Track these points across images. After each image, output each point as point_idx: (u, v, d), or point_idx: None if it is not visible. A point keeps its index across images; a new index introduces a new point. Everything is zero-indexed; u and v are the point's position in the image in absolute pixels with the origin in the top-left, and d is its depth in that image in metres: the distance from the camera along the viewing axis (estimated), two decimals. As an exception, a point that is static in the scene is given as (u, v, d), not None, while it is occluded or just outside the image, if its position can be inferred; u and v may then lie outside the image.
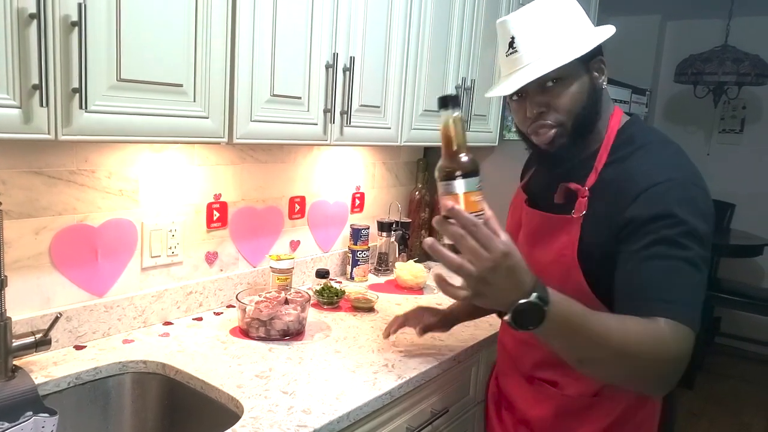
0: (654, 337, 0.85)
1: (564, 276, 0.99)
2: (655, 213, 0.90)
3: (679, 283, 0.89)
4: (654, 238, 0.90)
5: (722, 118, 4.22)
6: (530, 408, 1.14)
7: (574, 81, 0.99)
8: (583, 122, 1.01)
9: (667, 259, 0.89)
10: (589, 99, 1.01)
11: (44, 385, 1.11)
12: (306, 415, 1.05)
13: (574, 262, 0.99)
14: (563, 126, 1.00)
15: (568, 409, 1.08)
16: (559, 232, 1.03)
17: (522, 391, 1.17)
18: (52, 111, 0.91)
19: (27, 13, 0.86)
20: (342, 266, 1.99)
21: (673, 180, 0.93)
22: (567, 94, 0.99)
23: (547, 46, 0.98)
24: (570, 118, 1.00)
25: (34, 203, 1.19)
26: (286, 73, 1.28)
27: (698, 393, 3.46)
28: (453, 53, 1.80)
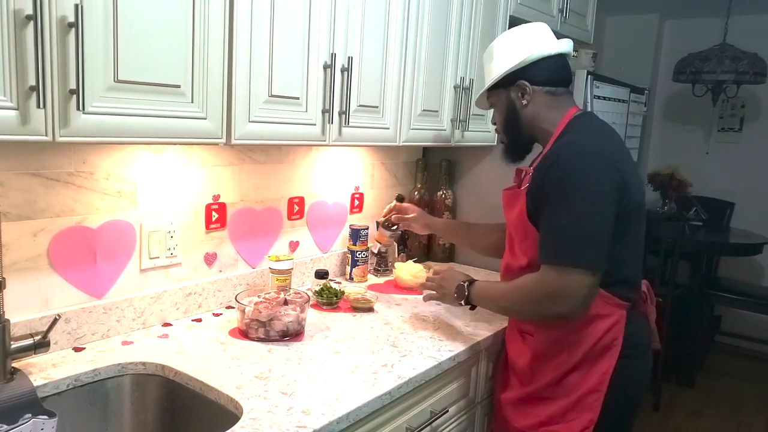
0: (524, 285, 1.28)
1: (524, 233, 1.32)
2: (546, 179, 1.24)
3: (558, 232, 1.22)
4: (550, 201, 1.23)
5: (721, 117, 4.22)
6: (517, 356, 1.42)
7: (498, 106, 1.43)
8: (509, 129, 1.42)
9: (549, 216, 1.23)
10: (508, 114, 1.40)
11: (43, 387, 1.11)
12: (305, 415, 1.05)
13: (528, 223, 1.30)
14: (500, 134, 1.47)
15: (540, 353, 1.35)
16: (516, 202, 1.36)
17: (515, 345, 1.44)
18: (49, 112, 0.91)
19: (23, 15, 0.85)
20: (341, 267, 1.99)
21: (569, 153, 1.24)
22: (497, 114, 1.45)
23: (485, 80, 1.44)
24: (500, 128, 1.45)
25: (32, 205, 1.19)
26: (284, 73, 1.28)
27: (698, 392, 3.46)
28: (451, 53, 1.80)
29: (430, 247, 2.32)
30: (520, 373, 1.40)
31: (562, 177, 1.22)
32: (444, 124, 1.84)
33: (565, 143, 1.28)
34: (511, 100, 1.38)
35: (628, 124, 2.69)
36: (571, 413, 1.30)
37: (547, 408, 1.33)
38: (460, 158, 2.28)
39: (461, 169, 2.29)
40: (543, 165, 1.27)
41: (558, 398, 1.32)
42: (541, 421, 1.33)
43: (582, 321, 1.27)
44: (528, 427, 1.35)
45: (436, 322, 1.60)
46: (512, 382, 1.43)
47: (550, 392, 1.33)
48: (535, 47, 1.35)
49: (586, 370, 1.30)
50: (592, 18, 2.64)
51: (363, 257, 1.93)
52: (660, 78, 4.35)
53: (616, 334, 1.29)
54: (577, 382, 1.30)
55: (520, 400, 1.38)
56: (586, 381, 1.29)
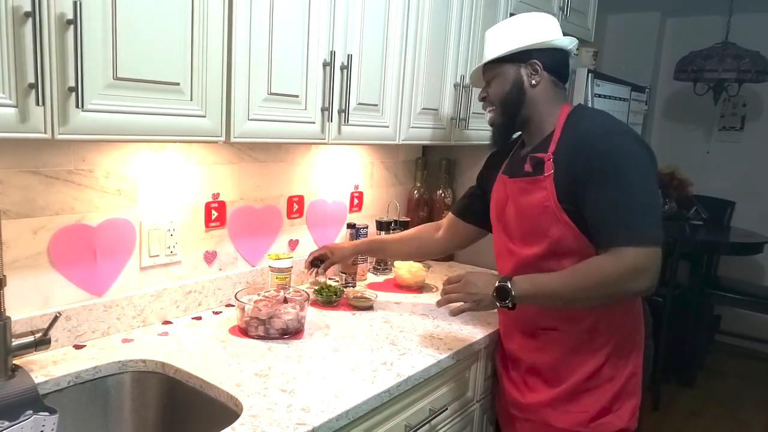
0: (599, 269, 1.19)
1: (551, 219, 1.28)
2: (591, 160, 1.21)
3: (624, 209, 1.18)
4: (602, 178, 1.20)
5: (722, 116, 4.21)
6: (537, 357, 1.37)
7: (502, 78, 1.37)
8: (509, 106, 1.37)
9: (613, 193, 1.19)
10: (513, 88, 1.36)
11: (44, 384, 1.11)
12: (305, 413, 1.05)
13: (557, 205, 1.27)
14: (495, 108, 1.40)
15: (571, 347, 1.32)
16: (537, 188, 1.31)
17: (528, 347, 1.39)
18: (48, 110, 0.91)
19: (22, 12, 0.85)
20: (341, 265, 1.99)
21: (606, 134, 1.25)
22: (495, 86, 1.39)
23: (488, 53, 1.39)
24: (497, 102, 1.39)
25: (32, 203, 1.19)
26: (283, 71, 1.28)
27: (698, 391, 3.46)
28: (451, 51, 1.80)
29: (430, 245, 2.32)
30: (548, 374, 1.36)
31: (613, 156, 1.20)
32: (444, 123, 1.84)
33: (596, 125, 1.28)
34: (520, 76, 1.35)
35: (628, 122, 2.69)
36: (617, 402, 1.30)
37: (591, 401, 1.31)
38: (460, 157, 2.28)
39: (461, 168, 2.29)
40: (576, 149, 1.25)
41: (600, 389, 1.31)
42: (591, 417, 1.31)
43: (611, 304, 1.28)
44: (577, 424, 1.32)
45: (436, 321, 1.60)
46: (533, 385, 1.38)
47: (589, 384, 1.31)
48: (552, 34, 1.36)
49: (621, 355, 1.31)
50: (593, 16, 2.64)
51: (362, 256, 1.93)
52: (661, 76, 4.35)
53: (639, 312, 1.35)
54: (616, 369, 1.30)
55: (557, 399, 1.34)
56: (626, 366, 1.31)
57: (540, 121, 1.36)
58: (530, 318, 1.37)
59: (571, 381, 1.32)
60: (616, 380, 1.31)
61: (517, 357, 1.42)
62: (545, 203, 1.28)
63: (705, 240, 3.52)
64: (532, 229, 1.33)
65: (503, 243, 1.44)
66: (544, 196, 1.28)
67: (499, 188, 1.46)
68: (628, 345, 1.33)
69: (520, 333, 1.41)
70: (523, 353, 1.40)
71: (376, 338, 1.44)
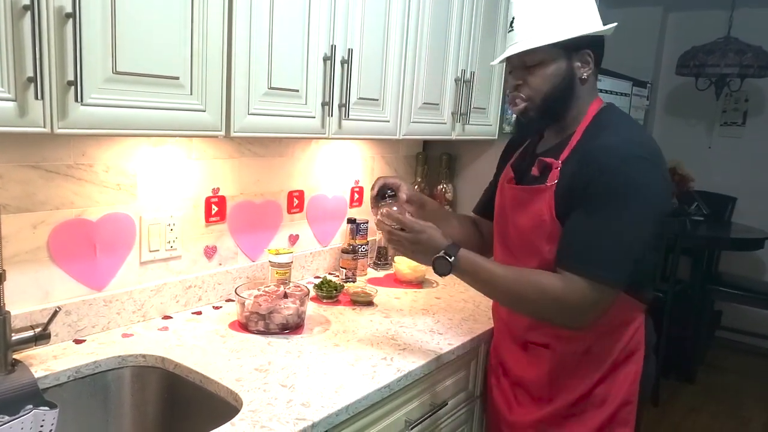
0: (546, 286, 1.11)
1: (547, 235, 1.16)
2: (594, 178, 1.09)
3: (599, 242, 1.09)
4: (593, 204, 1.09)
5: (724, 111, 4.20)
6: (524, 371, 1.29)
7: (551, 65, 1.15)
8: (552, 102, 1.17)
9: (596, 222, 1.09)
10: (562, 83, 1.16)
11: (44, 378, 1.11)
12: (305, 408, 1.05)
13: (555, 223, 1.15)
14: (532, 101, 1.18)
15: (561, 367, 1.23)
16: (537, 199, 1.18)
17: (517, 357, 1.31)
18: (47, 104, 0.90)
19: (21, 5, 0.85)
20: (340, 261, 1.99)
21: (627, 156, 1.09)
22: (540, 75, 1.16)
23: (536, 29, 1.13)
24: (539, 96, 1.17)
25: (32, 197, 1.19)
26: (283, 65, 1.27)
27: (699, 387, 3.46)
28: (452, 45, 1.79)
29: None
30: (534, 390, 1.27)
31: (614, 180, 1.07)
32: (444, 118, 1.83)
33: (617, 141, 1.11)
34: (571, 68, 1.16)
35: (630, 117, 2.68)
36: (605, 429, 1.21)
37: (577, 427, 1.22)
38: (461, 152, 2.27)
39: (462, 163, 2.29)
40: (584, 161, 1.11)
41: (588, 414, 1.21)
42: None
43: (608, 327, 1.18)
44: None
45: (436, 315, 1.60)
46: (521, 399, 1.31)
47: (575, 409, 1.22)
48: (600, 21, 1.17)
49: (613, 380, 1.21)
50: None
51: (363, 251, 1.93)
52: (663, 71, 4.33)
53: (640, 337, 1.22)
54: (607, 394, 1.21)
55: (543, 421, 1.25)
56: (618, 391, 1.21)
57: (570, 119, 1.21)
58: (522, 329, 1.29)
59: (558, 403, 1.23)
60: (607, 407, 1.21)
61: (508, 366, 1.35)
62: (542, 216, 1.17)
63: (706, 235, 3.52)
64: (524, 244, 1.22)
65: (502, 250, 1.33)
66: (541, 209, 1.17)
67: (501, 189, 1.34)
68: (623, 371, 1.22)
69: (510, 341, 1.34)
70: (513, 363, 1.33)
71: (376, 333, 1.44)
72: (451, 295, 1.79)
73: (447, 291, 1.83)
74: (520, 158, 1.33)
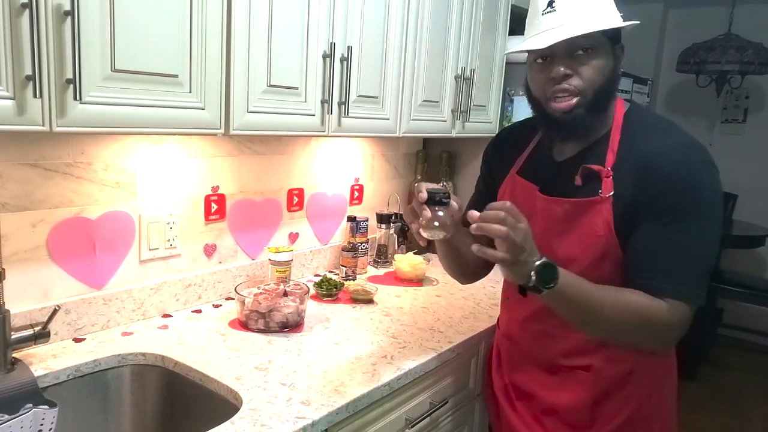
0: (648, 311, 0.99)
1: (602, 253, 1.05)
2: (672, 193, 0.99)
3: (687, 259, 0.99)
4: (667, 218, 0.99)
5: (725, 108, 4.19)
6: (556, 396, 1.17)
7: (602, 55, 1.03)
8: (601, 98, 1.05)
9: (677, 239, 0.99)
10: (610, 77, 1.05)
11: (44, 377, 1.11)
12: (305, 406, 1.05)
13: (613, 239, 1.04)
14: (584, 95, 1.03)
15: (603, 390, 1.13)
16: (590, 214, 1.05)
17: (543, 381, 1.20)
18: (46, 102, 0.90)
19: (19, 3, 0.85)
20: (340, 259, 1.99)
21: (694, 163, 1.01)
22: (593, 65, 1.02)
23: (586, 11, 1.00)
24: (591, 89, 1.03)
25: (31, 196, 1.19)
26: (282, 63, 1.27)
27: (700, 384, 3.46)
28: (452, 42, 1.78)
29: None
30: (570, 417, 1.16)
31: (689, 190, 0.99)
32: (444, 115, 1.83)
33: (674, 144, 1.03)
34: (617, 60, 1.06)
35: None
36: None
37: None
38: (461, 150, 2.27)
39: (462, 161, 2.28)
40: (646, 168, 1.01)
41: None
42: None
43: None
44: None
45: (436, 314, 1.59)
46: (552, 427, 1.19)
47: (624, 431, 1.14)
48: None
49: (658, 397, 1.16)
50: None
51: (363, 249, 1.93)
52: (663, 68, 4.32)
53: (673, 349, 1.19)
54: (651, 414, 1.15)
55: None
56: (660, 410, 1.17)
57: (606, 117, 1.09)
58: (555, 354, 1.17)
59: (598, 428, 1.14)
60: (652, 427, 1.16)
61: (530, 392, 1.22)
62: (597, 232, 1.04)
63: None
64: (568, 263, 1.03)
65: None
66: (596, 224, 1.04)
67: (520, 196, 1.17)
68: (665, 387, 1.18)
69: (532, 365, 1.22)
70: (538, 389, 1.20)
71: (376, 331, 1.43)
72: (452, 293, 1.78)
73: (447, 289, 1.83)
74: (532, 164, 1.20)
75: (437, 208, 1.02)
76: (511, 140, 1.28)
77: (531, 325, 1.20)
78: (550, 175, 1.14)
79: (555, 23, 1.01)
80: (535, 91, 1.09)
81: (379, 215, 2.04)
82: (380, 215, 2.04)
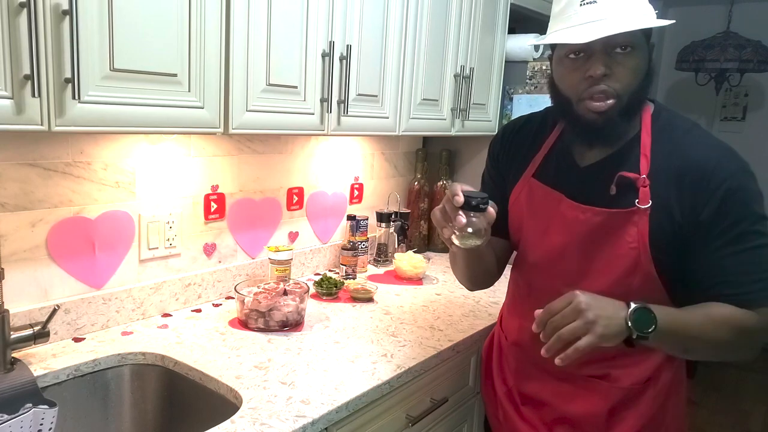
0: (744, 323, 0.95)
1: (632, 266, 1.01)
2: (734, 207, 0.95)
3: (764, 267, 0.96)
4: (737, 231, 0.95)
5: (724, 106, 4.19)
6: (569, 404, 1.14)
7: (640, 55, 0.97)
8: (635, 100, 0.99)
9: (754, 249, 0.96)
10: (646, 77, 0.99)
11: (43, 377, 1.11)
12: (305, 405, 1.05)
13: (646, 252, 0.99)
14: (619, 98, 0.96)
15: (621, 399, 1.10)
16: (626, 224, 1.00)
17: (555, 390, 1.16)
18: (44, 101, 0.90)
19: (17, 2, 0.84)
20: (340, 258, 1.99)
21: (739, 171, 0.97)
22: (630, 66, 0.96)
23: (627, 5, 0.92)
24: (627, 92, 0.97)
25: (30, 195, 1.18)
26: (281, 61, 1.26)
27: (698, 381, 3.47)
28: (451, 41, 1.78)
29: (429, 237, 2.32)
30: (586, 426, 1.13)
31: (744, 200, 0.95)
32: (444, 114, 1.83)
33: (716, 153, 0.98)
34: (651, 60, 1.00)
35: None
36: None
37: None
38: (460, 148, 2.27)
39: (461, 160, 2.28)
40: (690, 179, 0.97)
41: None
42: None
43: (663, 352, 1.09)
44: None
45: (436, 312, 1.59)
46: None
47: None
48: None
49: (673, 405, 1.14)
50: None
51: (363, 248, 1.93)
52: (662, 66, 4.32)
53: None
54: (665, 422, 1.13)
55: None
56: (673, 418, 1.14)
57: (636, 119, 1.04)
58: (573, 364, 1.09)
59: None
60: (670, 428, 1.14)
61: (540, 400, 1.19)
62: (630, 244, 1.00)
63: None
64: (597, 276, 1.03)
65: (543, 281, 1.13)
66: (630, 235, 1.00)
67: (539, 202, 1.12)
68: (678, 394, 1.15)
69: (544, 373, 1.17)
70: (550, 397, 1.17)
71: (376, 330, 1.43)
72: (451, 291, 1.78)
73: (447, 287, 1.83)
74: (551, 167, 1.12)
75: (473, 214, 0.94)
76: (521, 138, 1.20)
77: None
78: (575, 180, 1.07)
79: (595, 16, 0.92)
80: (566, 89, 1.01)
81: (379, 214, 2.04)
82: (380, 214, 2.04)
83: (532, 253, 1.15)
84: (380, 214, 2.04)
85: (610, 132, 1.00)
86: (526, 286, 1.20)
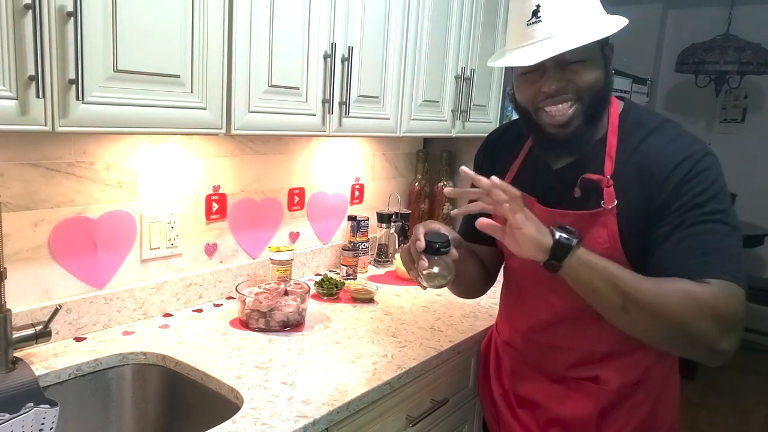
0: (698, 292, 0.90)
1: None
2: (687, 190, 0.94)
3: (723, 247, 0.94)
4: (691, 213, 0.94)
5: (724, 108, 4.20)
6: (562, 405, 1.14)
7: (594, 63, 0.98)
8: (598, 107, 1.01)
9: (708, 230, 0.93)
10: (604, 83, 1.00)
11: (45, 376, 1.11)
12: (306, 405, 1.05)
13: (619, 251, 0.99)
14: (582, 102, 0.98)
15: (610, 401, 1.10)
16: (595, 225, 1.01)
17: (548, 391, 1.17)
18: (48, 102, 0.90)
19: (22, 4, 0.85)
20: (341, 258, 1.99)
21: (694, 156, 0.96)
22: (587, 75, 0.97)
23: (574, 21, 0.94)
24: (587, 100, 0.98)
25: (32, 195, 1.19)
26: (283, 63, 1.27)
27: (699, 383, 3.47)
28: (452, 42, 1.79)
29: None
30: (577, 428, 1.14)
31: (699, 185, 0.94)
32: (445, 115, 1.83)
33: (672, 142, 0.99)
34: (607, 60, 1.01)
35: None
36: None
37: None
38: (461, 149, 2.27)
39: (462, 161, 2.29)
40: (650, 174, 0.97)
41: None
42: None
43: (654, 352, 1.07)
44: None
45: (437, 313, 1.60)
46: None
47: None
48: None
49: (664, 406, 1.13)
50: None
51: (363, 248, 1.93)
52: (662, 68, 4.33)
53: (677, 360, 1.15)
54: (657, 421, 1.12)
55: None
56: (664, 418, 1.14)
57: (602, 118, 1.05)
58: (561, 365, 1.14)
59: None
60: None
61: (534, 402, 1.19)
62: (604, 244, 1.00)
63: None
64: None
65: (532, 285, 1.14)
66: (601, 236, 1.00)
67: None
68: (670, 394, 1.15)
69: (537, 375, 1.18)
70: (543, 398, 1.17)
71: (377, 330, 1.44)
72: (452, 293, 1.78)
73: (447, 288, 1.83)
74: (527, 172, 1.14)
75: (436, 258, 0.97)
76: (501, 146, 1.23)
77: (535, 336, 1.17)
78: (547, 184, 1.09)
79: (542, 34, 0.94)
80: (524, 102, 1.04)
81: (380, 214, 2.04)
82: (381, 214, 2.04)
83: (513, 258, 1.15)
84: (381, 215, 2.04)
85: (575, 142, 1.02)
86: (515, 290, 1.22)
